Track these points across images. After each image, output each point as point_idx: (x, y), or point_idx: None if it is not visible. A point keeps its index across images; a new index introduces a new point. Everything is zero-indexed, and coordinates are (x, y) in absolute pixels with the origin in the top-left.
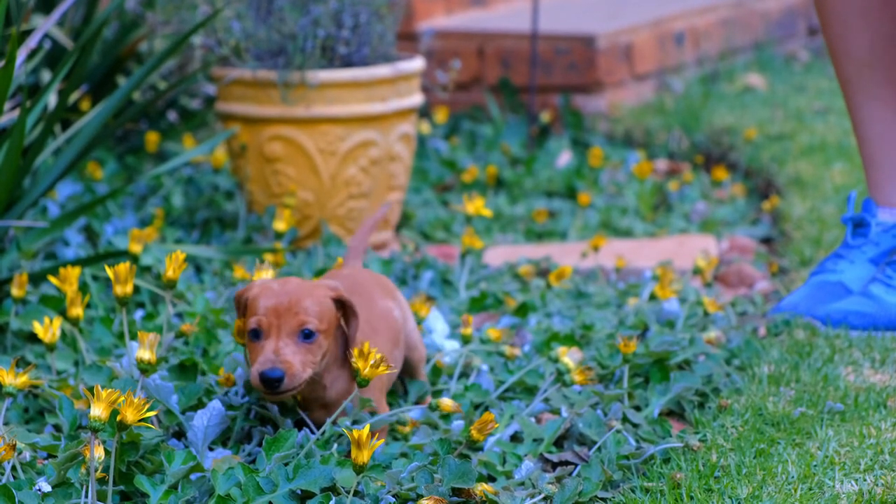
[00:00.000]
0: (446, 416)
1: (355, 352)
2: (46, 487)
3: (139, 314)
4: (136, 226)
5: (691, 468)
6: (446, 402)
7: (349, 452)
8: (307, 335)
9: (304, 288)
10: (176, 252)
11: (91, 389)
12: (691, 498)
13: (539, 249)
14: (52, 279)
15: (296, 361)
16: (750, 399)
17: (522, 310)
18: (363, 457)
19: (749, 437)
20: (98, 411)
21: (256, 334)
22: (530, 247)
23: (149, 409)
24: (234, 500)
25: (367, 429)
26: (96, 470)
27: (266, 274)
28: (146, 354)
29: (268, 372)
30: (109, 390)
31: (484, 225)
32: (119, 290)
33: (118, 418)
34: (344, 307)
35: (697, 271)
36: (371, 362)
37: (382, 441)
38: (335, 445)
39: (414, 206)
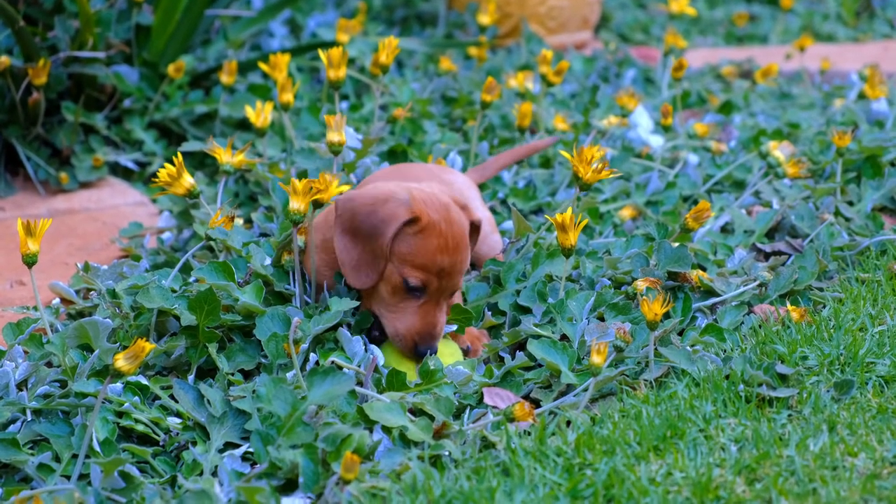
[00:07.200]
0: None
1: None
2: (267, 260)
3: (344, 105)
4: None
5: None
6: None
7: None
8: None
9: (463, 232)
10: (388, 38)
11: (301, 174)
12: None
13: (740, 52)
14: (262, 66)
15: (444, 329)
16: None
17: (726, 108)
18: (570, 239)
19: None
20: (297, 204)
21: (413, 289)
22: (731, 49)
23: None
24: None
25: (570, 210)
26: (301, 253)
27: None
28: (335, 137)
29: (423, 350)
30: (305, 181)
31: (683, 28)
32: (332, 73)
33: (311, 198)
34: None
35: None
36: None
37: (587, 222)
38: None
39: (611, 9)
